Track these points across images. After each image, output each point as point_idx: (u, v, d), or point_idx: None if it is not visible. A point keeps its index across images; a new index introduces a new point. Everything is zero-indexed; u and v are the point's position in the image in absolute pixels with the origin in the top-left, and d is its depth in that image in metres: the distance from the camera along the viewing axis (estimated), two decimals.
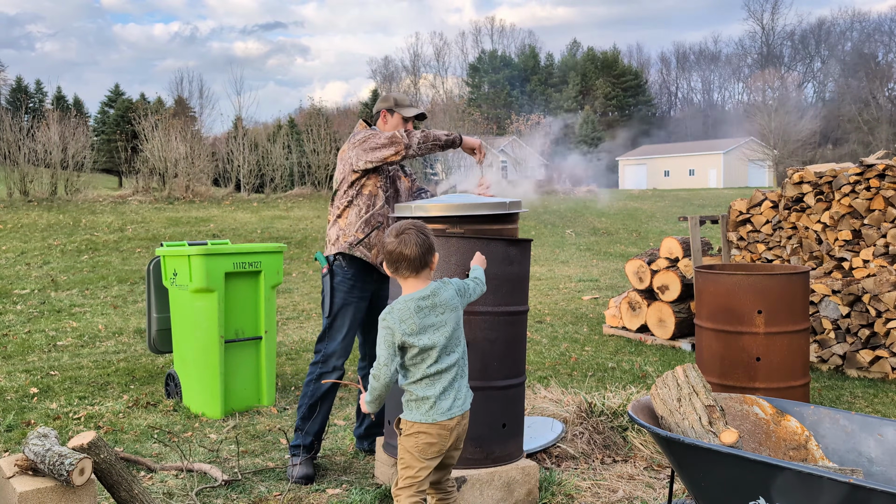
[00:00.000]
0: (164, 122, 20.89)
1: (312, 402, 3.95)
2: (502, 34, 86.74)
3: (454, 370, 2.67)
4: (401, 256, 2.63)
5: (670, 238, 7.73)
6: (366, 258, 3.92)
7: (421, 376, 2.64)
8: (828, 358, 6.29)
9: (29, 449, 2.92)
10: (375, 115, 4.20)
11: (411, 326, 2.60)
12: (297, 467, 3.84)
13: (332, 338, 3.95)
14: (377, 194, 3.93)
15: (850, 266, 6.49)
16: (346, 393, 5.61)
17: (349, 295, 3.94)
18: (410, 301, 2.63)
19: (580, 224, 19.55)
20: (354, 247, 3.90)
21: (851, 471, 2.79)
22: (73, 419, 4.93)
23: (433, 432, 2.64)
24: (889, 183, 6.28)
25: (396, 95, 4.20)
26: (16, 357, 6.84)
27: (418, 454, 2.65)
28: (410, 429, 2.67)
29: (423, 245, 2.64)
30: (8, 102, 41.21)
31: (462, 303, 2.78)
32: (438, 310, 2.66)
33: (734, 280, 4.47)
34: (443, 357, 2.65)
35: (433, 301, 2.65)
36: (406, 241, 2.63)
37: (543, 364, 6.49)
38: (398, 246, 2.63)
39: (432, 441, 2.65)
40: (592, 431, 4.20)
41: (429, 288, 2.68)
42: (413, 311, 2.61)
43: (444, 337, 2.64)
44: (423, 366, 2.63)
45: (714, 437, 2.87)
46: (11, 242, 13.02)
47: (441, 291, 2.69)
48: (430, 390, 2.64)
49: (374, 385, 2.63)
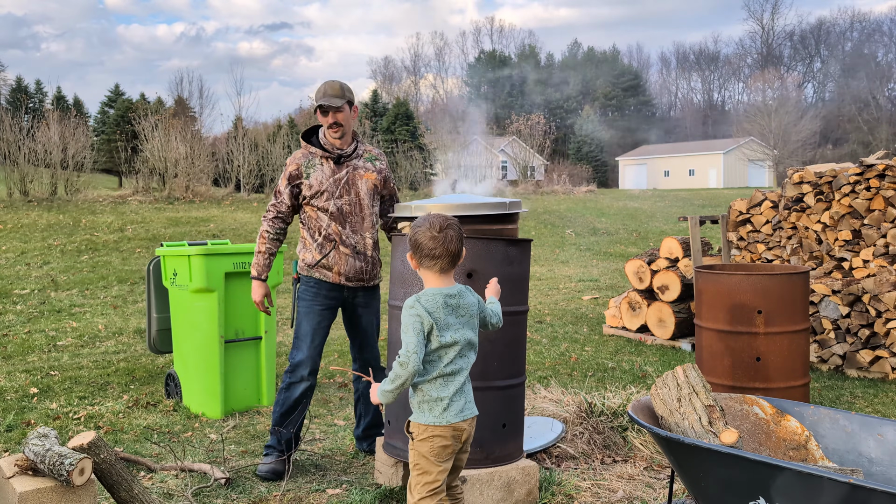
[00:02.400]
0: (164, 123, 20.88)
1: (284, 409, 3.95)
2: (501, 34, 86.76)
3: (466, 373, 2.65)
4: (445, 252, 2.58)
5: (670, 238, 7.73)
6: (325, 279, 3.94)
7: (437, 374, 2.59)
8: (828, 358, 6.29)
9: (29, 449, 2.92)
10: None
11: (439, 318, 2.57)
12: (267, 464, 3.88)
13: (299, 347, 3.95)
14: (318, 217, 3.93)
15: (850, 266, 6.49)
16: (346, 393, 5.61)
17: (313, 303, 3.94)
18: (438, 295, 2.59)
19: (580, 224, 19.55)
20: (313, 268, 3.94)
21: (851, 471, 2.79)
22: (73, 419, 4.93)
23: (447, 434, 2.59)
24: (889, 183, 6.28)
25: (317, 89, 4.04)
26: (16, 357, 6.84)
27: (434, 458, 2.59)
28: (424, 433, 2.61)
29: (462, 242, 2.64)
30: (8, 102, 41.20)
31: (478, 317, 2.74)
32: (461, 311, 2.63)
33: (734, 280, 4.47)
34: (458, 358, 2.61)
35: (458, 301, 2.63)
36: (451, 237, 2.60)
37: (543, 364, 6.49)
38: (442, 241, 2.58)
39: (447, 444, 2.60)
40: (592, 431, 4.20)
41: (456, 288, 2.65)
42: (441, 305, 2.58)
43: (463, 338, 2.62)
44: (440, 363, 2.59)
45: (714, 437, 2.86)
46: (11, 242, 13.01)
47: (466, 295, 2.67)
48: (445, 391, 2.59)
49: (400, 372, 2.52)
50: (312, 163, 3.97)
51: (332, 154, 3.98)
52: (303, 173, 3.96)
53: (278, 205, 4.01)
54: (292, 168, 3.98)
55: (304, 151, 4.01)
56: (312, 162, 3.97)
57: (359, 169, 4.02)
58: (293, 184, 3.98)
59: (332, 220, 3.93)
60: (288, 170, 3.99)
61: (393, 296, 3.57)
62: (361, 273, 3.98)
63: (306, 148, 4.01)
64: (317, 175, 3.94)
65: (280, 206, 4.00)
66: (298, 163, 3.97)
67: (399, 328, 3.46)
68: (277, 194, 4.02)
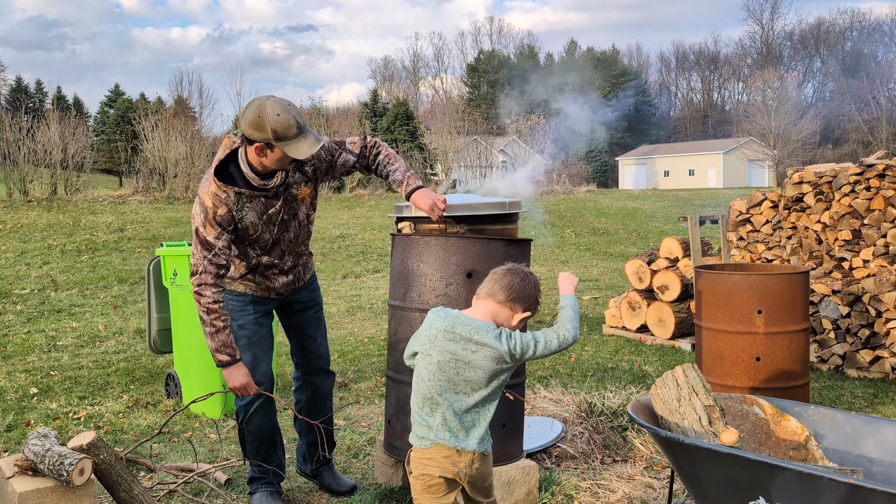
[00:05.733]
0: (164, 122, 20.88)
1: (252, 439, 3.43)
2: (501, 35, 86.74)
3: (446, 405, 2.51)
4: (533, 296, 2.62)
5: (670, 238, 7.73)
6: (251, 291, 3.39)
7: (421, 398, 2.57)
8: (828, 358, 6.29)
9: (29, 449, 2.92)
10: (248, 140, 3.07)
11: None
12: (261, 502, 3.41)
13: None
14: (245, 250, 3.29)
15: (850, 266, 6.49)
16: (345, 392, 5.61)
17: (243, 314, 3.36)
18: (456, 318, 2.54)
19: (580, 224, 19.55)
20: (235, 281, 3.36)
21: (851, 471, 2.79)
22: (73, 419, 4.93)
23: (436, 465, 2.51)
24: (889, 183, 6.28)
25: (274, 122, 2.94)
26: (16, 357, 6.84)
27: (427, 495, 2.53)
28: (416, 469, 2.54)
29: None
30: (8, 102, 41.19)
31: (505, 365, 2.52)
32: (471, 346, 2.50)
33: (734, 280, 4.47)
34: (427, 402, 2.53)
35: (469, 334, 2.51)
36: (534, 281, 2.64)
37: (543, 364, 6.49)
38: (533, 286, 2.63)
39: (433, 482, 2.52)
40: (592, 431, 4.20)
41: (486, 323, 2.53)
42: (442, 321, 2.53)
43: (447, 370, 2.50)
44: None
45: (714, 437, 2.86)
46: (11, 242, 13.01)
47: (491, 339, 2.49)
48: (432, 419, 2.55)
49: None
50: (241, 204, 3.14)
51: (267, 191, 3.17)
52: (235, 217, 3.14)
53: (215, 259, 3.10)
54: (221, 211, 3.09)
55: (225, 190, 3.11)
56: (241, 203, 3.14)
57: (291, 188, 3.25)
58: (228, 229, 3.12)
59: (262, 255, 3.30)
60: (214, 213, 3.08)
61: (393, 296, 3.57)
62: (294, 282, 3.47)
63: (228, 188, 3.11)
64: (250, 217, 3.17)
65: (219, 258, 3.11)
66: (227, 204, 3.10)
67: (399, 328, 3.48)
68: (207, 247, 3.09)
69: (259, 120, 2.95)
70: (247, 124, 2.99)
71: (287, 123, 2.96)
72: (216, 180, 3.10)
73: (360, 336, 7.77)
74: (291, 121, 2.97)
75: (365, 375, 6.14)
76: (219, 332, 3.12)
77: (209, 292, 3.10)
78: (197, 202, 3.14)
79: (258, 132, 2.97)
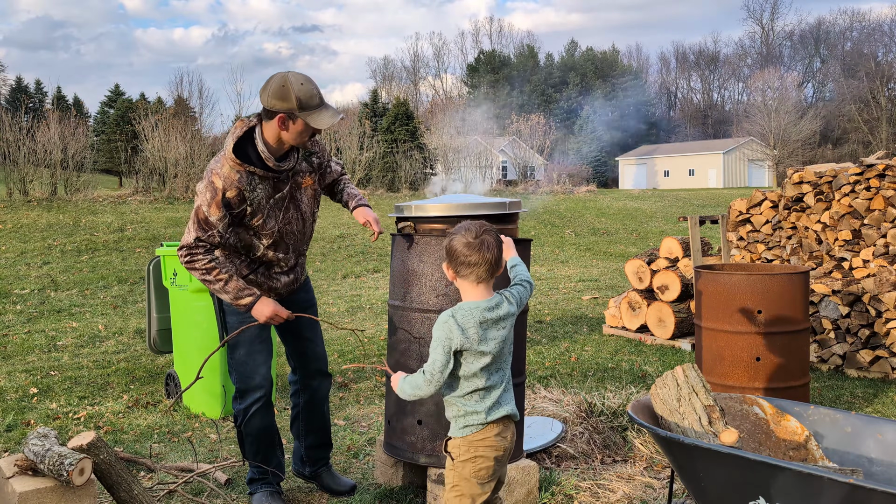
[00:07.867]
0: (164, 122, 20.89)
1: (252, 441, 3.42)
2: (500, 35, 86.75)
3: (503, 386, 2.51)
4: (482, 259, 2.41)
5: (670, 238, 7.73)
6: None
7: (472, 390, 2.46)
8: (828, 358, 6.29)
9: (29, 449, 2.92)
10: (268, 114, 3.11)
11: (472, 336, 2.41)
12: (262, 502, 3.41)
13: (240, 370, 3.37)
14: (251, 240, 3.27)
15: (850, 266, 6.49)
16: (345, 392, 5.61)
17: (243, 315, 3.29)
18: (476, 310, 2.43)
19: (580, 224, 19.55)
20: None
21: (851, 471, 2.79)
22: (73, 419, 4.93)
23: (490, 447, 2.47)
24: (889, 183, 6.28)
25: (299, 90, 3.02)
26: (16, 357, 6.84)
27: (477, 481, 2.46)
28: (466, 452, 2.46)
29: (500, 249, 2.47)
30: (8, 102, 41.20)
31: (516, 315, 2.57)
32: (501, 324, 2.48)
33: (734, 280, 4.47)
34: (495, 372, 2.48)
35: (497, 314, 2.47)
36: (489, 243, 2.43)
37: (543, 364, 6.49)
38: (479, 248, 2.41)
39: (489, 464, 2.47)
40: (592, 431, 4.20)
41: (494, 299, 2.49)
42: (476, 322, 2.42)
43: (501, 350, 2.48)
44: (475, 380, 2.45)
45: (714, 437, 2.86)
46: (11, 242, 13.01)
47: (504, 305, 2.50)
48: (480, 405, 2.46)
49: (422, 386, 2.42)
50: (254, 184, 3.15)
51: (280, 173, 3.20)
52: (246, 198, 3.13)
53: (209, 238, 3.11)
54: (230, 193, 3.09)
55: (239, 170, 3.11)
56: (253, 183, 3.15)
57: (297, 176, 3.30)
58: (233, 212, 3.13)
59: (268, 248, 3.29)
60: (223, 194, 3.08)
61: (393, 296, 3.57)
62: (294, 282, 3.50)
63: (241, 166, 3.11)
64: (260, 197, 3.18)
65: (213, 238, 3.12)
66: (239, 186, 3.10)
67: (398, 329, 3.47)
68: (205, 226, 3.09)
69: (283, 89, 3.02)
70: (270, 95, 3.04)
71: (311, 92, 3.06)
72: (233, 157, 3.11)
73: (360, 336, 7.77)
74: (314, 90, 3.08)
75: (365, 375, 6.14)
76: (228, 282, 3.14)
77: (200, 256, 3.11)
78: (205, 183, 3.14)
79: (282, 102, 3.03)
